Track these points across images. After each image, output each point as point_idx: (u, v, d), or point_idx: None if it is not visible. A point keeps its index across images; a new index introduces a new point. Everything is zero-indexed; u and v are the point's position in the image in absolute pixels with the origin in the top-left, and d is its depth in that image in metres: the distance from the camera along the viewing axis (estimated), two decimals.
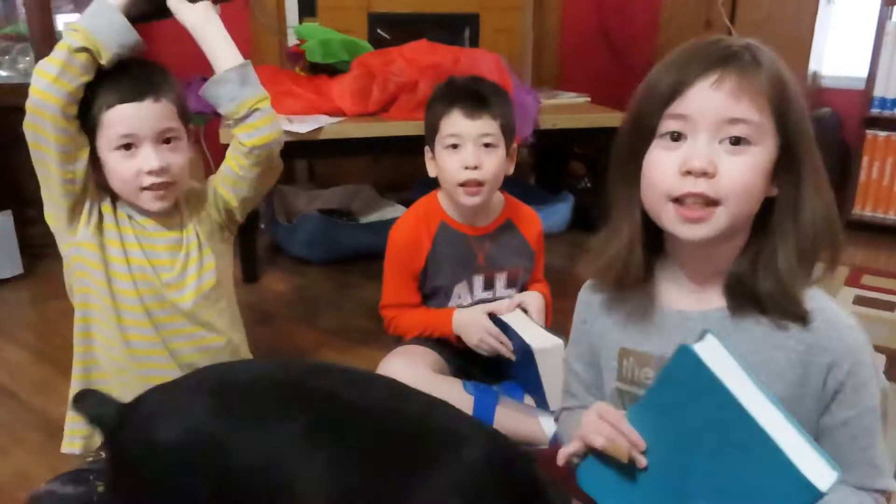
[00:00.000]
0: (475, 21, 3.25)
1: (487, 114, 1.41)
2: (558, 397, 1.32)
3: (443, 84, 1.50)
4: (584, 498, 0.85)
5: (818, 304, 0.80)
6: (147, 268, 1.16)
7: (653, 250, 0.87)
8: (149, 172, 1.11)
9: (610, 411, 0.83)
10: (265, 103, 1.16)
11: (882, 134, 2.70)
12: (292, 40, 2.68)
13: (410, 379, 1.36)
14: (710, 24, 2.73)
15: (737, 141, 0.76)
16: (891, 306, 2.09)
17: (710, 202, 0.76)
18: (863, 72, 2.70)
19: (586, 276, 0.93)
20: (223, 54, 1.15)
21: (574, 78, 3.32)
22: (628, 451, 0.79)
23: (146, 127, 1.10)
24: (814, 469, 0.67)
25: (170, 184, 1.14)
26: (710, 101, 0.76)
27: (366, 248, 2.35)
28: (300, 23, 2.89)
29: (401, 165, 2.99)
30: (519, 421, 1.35)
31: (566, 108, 2.48)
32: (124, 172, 1.11)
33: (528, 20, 3.39)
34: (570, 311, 0.99)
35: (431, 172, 1.50)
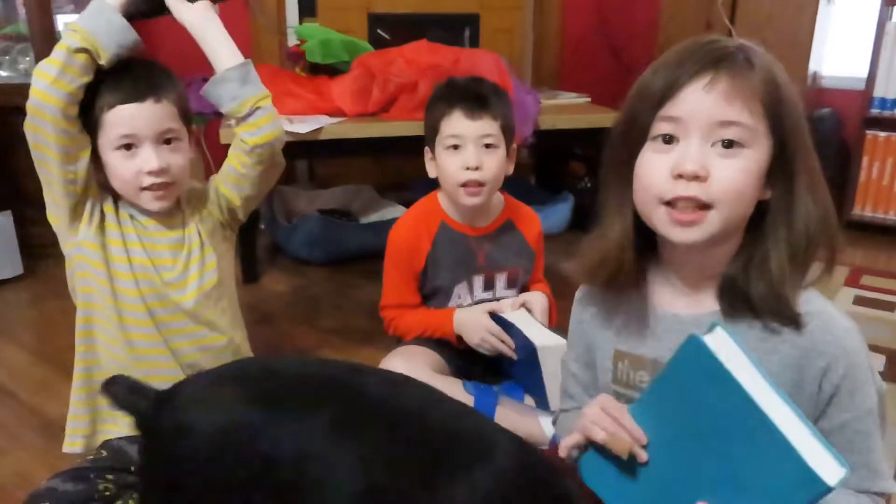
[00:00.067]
0: (475, 21, 3.25)
1: (488, 114, 1.41)
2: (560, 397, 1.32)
3: (442, 84, 1.50)
4: (586, 490, 0.85)
5: (814, 307, 0.79)
6: (149, 267, 1.16)
7: (646, 253, 0.87)
8: (148, 173, 1.11)
9: (613, 403, 0.82)
10: (266, 101, 1.17)
11: (882, 134, 2.70)
12: (292, 40, 2.68)
13: None
14: (711, 24, 2.73)
15: (729, 144, 0.75)
16: (891, 306, 2.09)
17: (702, 206, 0.76)
18: (863, 72, 2.70)
19: (575, 276, 0.91)
20: (223, 53, 1.15)
21: (574, 78, 3.32)
22: (629, 446, 0.78)
23: (146, 127, 1.10)
24: (822, 463, 0.66)
25: (170, 184, 1.14)
26: (703, 104, 0.75)
27: (366, 248, 2.35)
28: (300, 23, 2.90)
29: (401, 166, 2.99)
30: (519, 421, 1.35)
31: (566, 109, 2.48)
32: (124, 172, 1.11)
33: (528, 20, 3.39)
34: (570, 310, 0.99)
35: (431, 173, 1.50)
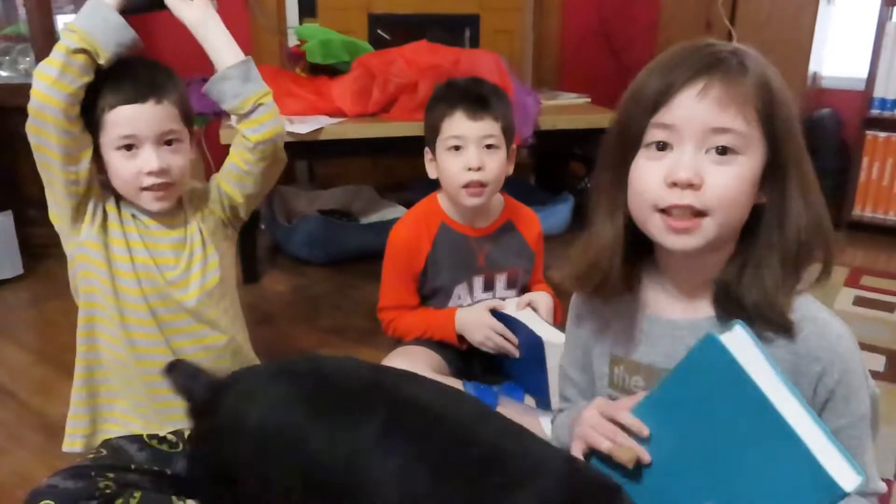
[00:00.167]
0: (475, 22, 3.25)
1: (489, 115, 1.41)
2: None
3: (442, 85, 1.50)
4: None
5: (808, 312, 0.79)
6: (151, 266, 1.16)
7: (640, 258, 0.86)
8: (149, 173, 1.11)
9: (609, 405, 0.82)
10: (268, 98, 1.17)
11: (882, 135, 2.70)
12: (293, 41, 2.68)
13: None
14: (711, 25, 2.73)
15: (723, 151, 0.75)
16: (891, 307, 2.09)
17: (697, 213, 0.75)
18: (863, 72, 2.70)
19: (564, 284, 0.91)
20: (224, 51, 1.16)
21: (574, 79, 3.33)
22: (633, 455, 0.78)
23: (147, 128, 1.10)
24: (839, 468, 0.66)
25: (170, 185, 1.14)
26: (696, 111, 0.74)
27: (366, 248, 2.35)
28: (300, 23, 2.90)
29: (401, 166, 3.00)
30: (519, 421, 1.35)
31: (566, 109, 2.48)
32: (125, 173, 1.12)
33: (528, 21, 3.39)
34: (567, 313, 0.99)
35: (431, 174, 1.50)
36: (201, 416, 0.92)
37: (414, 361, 1.42)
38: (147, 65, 1.14)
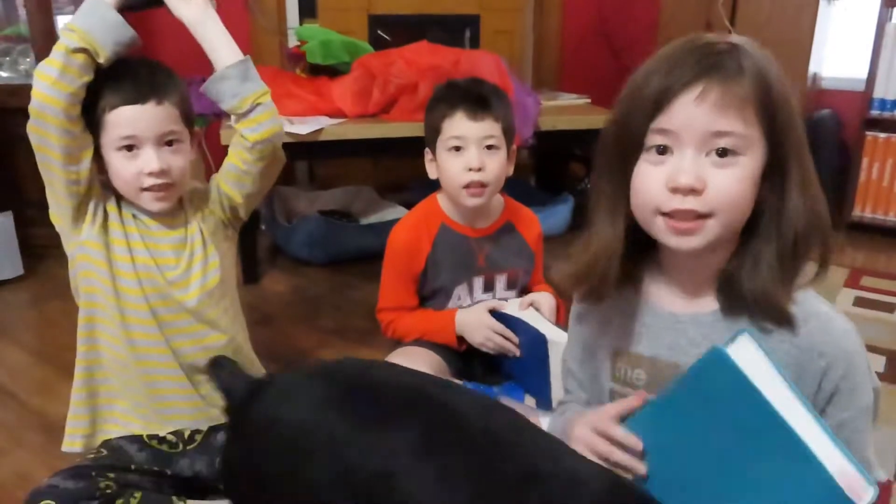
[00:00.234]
0: (475, 22, 3.26)
1: (490, 115, 1.41)
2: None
3: (442, 86, 1.50)
4: None
5: (812, 308, 0.80)
6: (152, 266, 1.16)
7: (642, 255, 0.87)
8: (149, 174, 1.11)
9: (601, 419, 0.82)
10: (266, 97, 1.17)
11: (882, 135, 2.70)
12: (293, 41, 2.68)
13: None
14: (711, 25, 2.74)
15: (724, 153, 0.75)
16: (891, 308, 2.09)
17: (700, 215, 0.76)
18: (863, 73, 2.70)
19: (562, 283, 0.91)
20: (222, 50, 1.15)
21: (574, 79, 3.33)
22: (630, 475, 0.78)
23: (148, 129, 1.10)
24: (852, 483, 0.66)
25: (170, 185, 1.14)
26: (695, 116, 0.74)
27: (366, 249, 2.35)
28: (301, 24, 2.90)
29: (401, 167, 3.00)
30: None
31: (566, 110, 2.48)
32: (125, 173, 1.12)
33: (528, 21, 3.39)
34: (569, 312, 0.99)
35: (431, 174, 1.50)
36: (239, 413, 0.91)
37: (414, 362, 1.42)
38: (148, 65, 1.14)
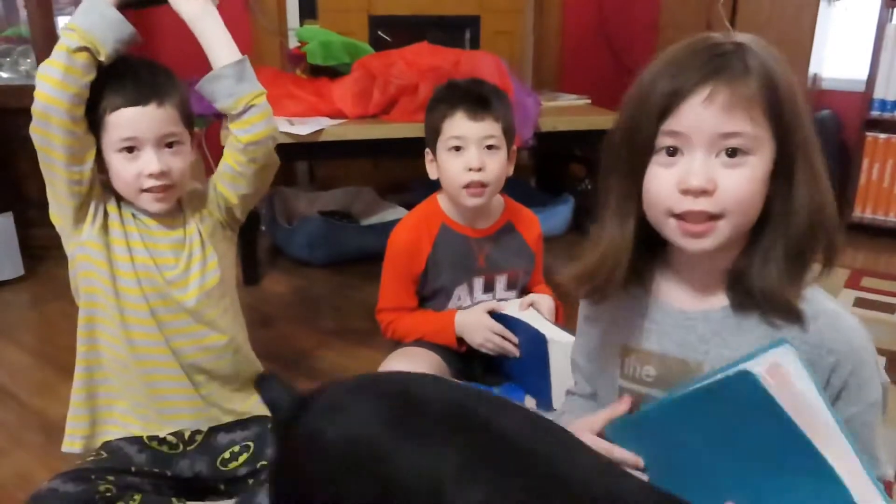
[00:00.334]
0: (476, 23, 3.26)
1: (490, 116, 1.41)
2: (564, 397, 1.32)
3: (443, 86, 1.50)
4: None
5: (821, 306, 0.80)
6: (151, 266, 1.16)
7: (652, 253, 0.87)
8: (149, 175, 1.11)
9: (597, 441, 0.84)
10: (261, 99, 1.16)
11: (882, 136, 2.70)
12: (293, 42, 2.68)
13: None
14: (711, 25, 2.74)
15: (733, 153, 0.76)
16: (891, 308, 2.09)
17: (711, 216, 0.77)
18: (863, 74, 2.70)
19: (568, 283, 0.91)
20: (220, 49, 1.15)
21: (575, 80, 3.33)
22: None
23: (148, 131, 1.10)
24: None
25: (170, 186, 1.14)
26: (703, 118, 0.75)
27: (366, 249, 2.35)
28: (301, 25, 2.90)
29: (401, 167, 3.00)
30: None
31: (567, 111, 2.48)
32: (125, 174, 1.12)
33: (528, 22, 3.39)
34: (570, 313, 0.99)
35: (432, 175, 1.50)
36: (285, 428, 0.90)
37: (414, 363, 1.42)
38: (149, 67, 1.14)
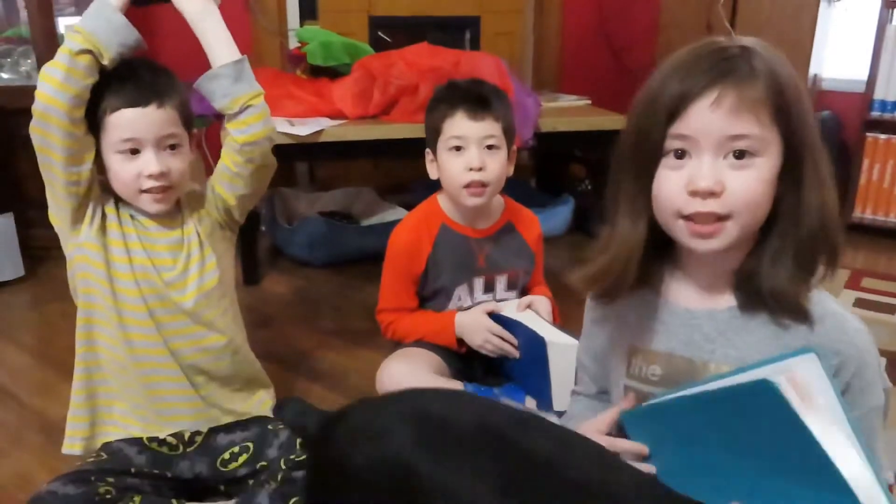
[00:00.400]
0: (476, 24, 3.25)
1: (490, 115, 1.41)
2: (565, 397, 1.32)
3: (443, 87, 1.50)
4: None
5: (827, 308, 0.81)
6: (149, 267, 1.16)
7: (662, 254, 0.88)
8: (149, 176, 1.11)
9: (607, 440, 0.85)
10: (258, 100, 1.16)
11: (882, 137, 2.70)
12: (293, 43, 2.68)
13: (411, 382, 1.37)
14: (711, 26, 2.74)
15: (741, 154, 0.76)
16: (891, 309, 2.09)
17: (720, 217, 0.77)
18: (863, 74, 2.70)
19: (577, 285, 0.91)
20: (219, 48, 1.15)
21: (574, 80, 3.33)
22: None
23: (148, 132, 1.10)
24: None
25: (169, 187, 1.14)
26: (710, 121, 0.76)
27: (366, 250, 2.35)
28: (301, 25, 2.90)
29: (401, 168, 3.00)
30: None
31: (567, 111, 2.48)
32: (125, 175, 1.12)
33: (528, 23, 3.39)
34: (570, 313, 0.99)
35: (432, 175, 1.50)
36: (314, 451, 0.90)
37: (415, 363, 1.42)
38: (150, 68, 1.14)
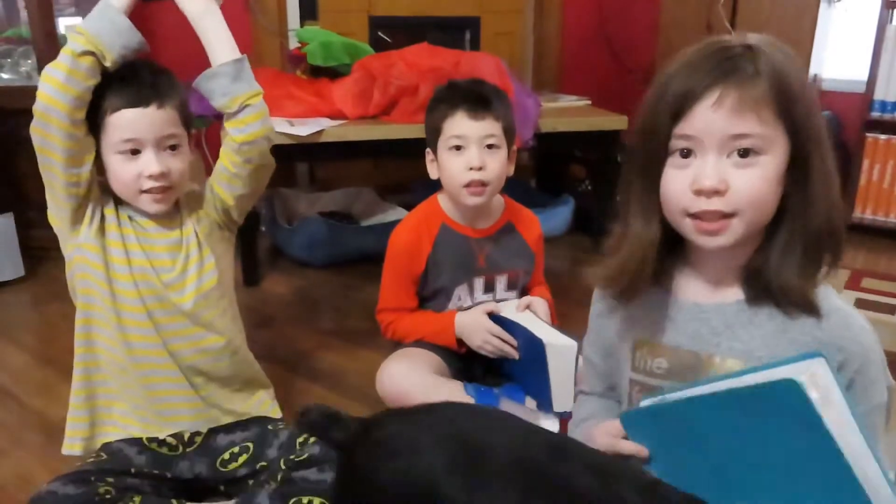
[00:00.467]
0: (476, 24, 3.25)
1: (490, 115, 1.41)
2: (565, 398, 1.32)
3: (443, 87, 1.50)
4: None
5: (833, 304, 0.82)
6: (148, 268, 1.16)
7: (673, 251, 0.89)
8: (149, 176, 1.11)
9: (613, 444, 0.86)
10: (256, 99, 1.16)
11: (882, 137, 2.70)
12: (293, 43, 2.68)
13: (411, 382, 1.37)
14: (711, 27, 2.74)
15: (745, 153, 0.77)
16: (891, 309, 2.09)
17: (725, 215, 0.78)
18: (863, 75, 2.70)
19: (594, 283, 0.94)
20: (219, 47, 1.15)
21: (575, 81, 3.33)
22: None
23: (149, 132, 1.10)
24: None
25: (168, 188, 1.14)
26: (714, 121, 0.76)
27: (367, 250, 2.35)
28: (301, 26, 2.90)
29: (401, 168, 2.99)
30: None
31: (567, 112, 2.48)
32: (125, 175, 1.12)
33: (528, 23, 3.39)
34: (570, 313, 0.99)
35: (433, 174, 1.50)
36: (345, 461, 0.88)
37: (415, 363, 1.42)
38: (150, 69, 1.14)
